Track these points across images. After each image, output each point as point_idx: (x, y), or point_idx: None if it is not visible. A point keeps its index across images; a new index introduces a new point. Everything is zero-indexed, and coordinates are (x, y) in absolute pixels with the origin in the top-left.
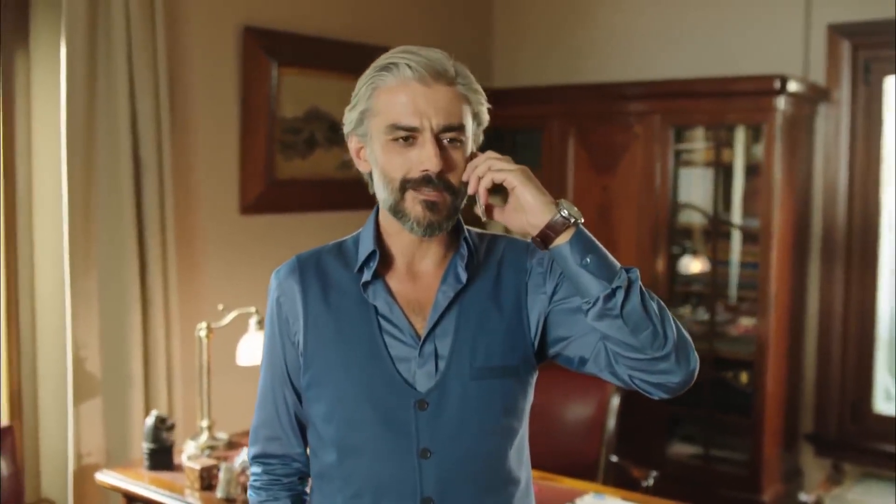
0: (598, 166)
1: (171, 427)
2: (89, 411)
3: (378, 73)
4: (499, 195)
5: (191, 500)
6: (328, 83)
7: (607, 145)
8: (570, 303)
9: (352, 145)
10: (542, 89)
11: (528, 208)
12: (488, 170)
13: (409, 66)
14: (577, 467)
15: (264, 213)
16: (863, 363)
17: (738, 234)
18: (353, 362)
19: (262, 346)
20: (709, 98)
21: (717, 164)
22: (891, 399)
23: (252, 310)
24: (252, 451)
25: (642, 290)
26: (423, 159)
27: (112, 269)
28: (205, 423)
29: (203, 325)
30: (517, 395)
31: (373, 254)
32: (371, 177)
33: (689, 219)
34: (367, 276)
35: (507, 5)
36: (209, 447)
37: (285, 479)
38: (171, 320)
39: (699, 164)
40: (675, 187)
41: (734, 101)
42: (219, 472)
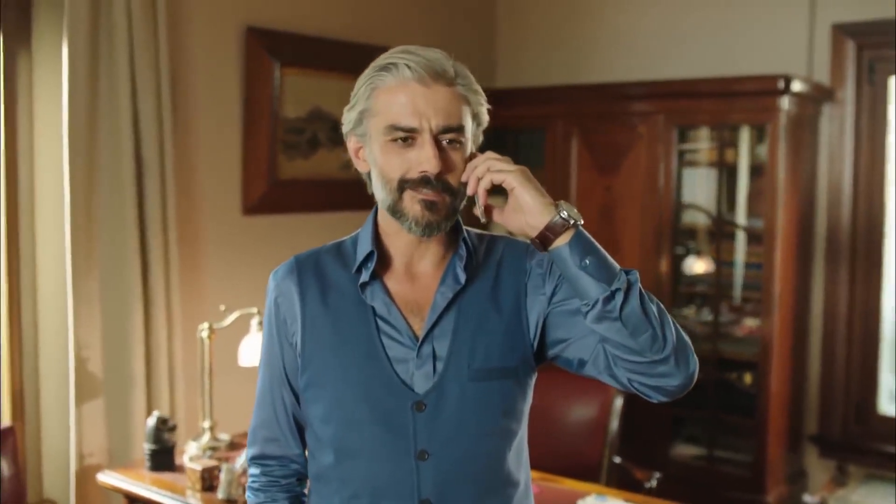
0: (602, 166)
1: (173, 428)
2: (91, 412)
3: (377, 74)
4: (499, 196)
5: (192, 501)
6: (330, 83)
7: (610, 145)
8: (570, 304)
9: (350, 145)
10: (545, 89)
11: (527, 209)
12: (487, 170)
13: (408, 66)
14: (579, 468)
15: (267, 213)
16: (867, 364)
17: (742, 235)
18: (351, 363)
19: (261, 347)
20: (712, 98)
21: (720, 165)
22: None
23: (254, 310)
24: (250, 452)
25: (642, 292)
26: (422, 160)
27: (114, 270)
28: (206, 423)
29: (205, 325)
30: (516, 396)
31: (370, 254)
32: (370, 177)
33: (693, 219)
34: (364, 276)
35: (510, 5)
36: (211, 448)
37: (283, 481)
38: (173, 321)
39: (703, 164)
40: (678, 187)
41: (738, 101)
42: (220, 473)
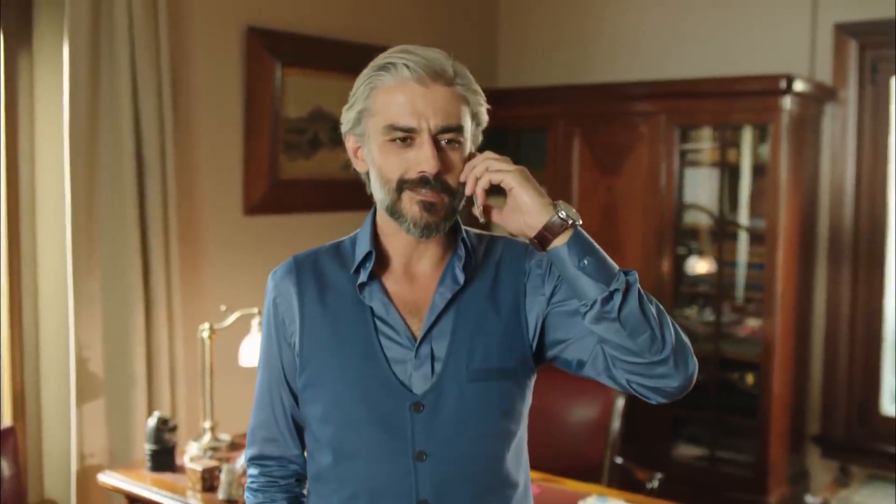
0: (603, 166)
1: (174, 428)
2: (92, 412)
3: (376, 73)
4: (499, 196)
5: (192, 501)
6: (332, 83)
7: (612, 145)
8: (569, 305)
9: (349, 145)
10: (546, 89)
11: (526, 209)
12: (486, 170)
13: (407, 66)
14: (581, 469)
15: (268, 213)
16: (870, 364)
17: (744, 235)
18: (349, 364)
19: (259, 348)
20: (714, 98)
21: (722, 165)
22: None
23: (255, 311)
24: (249, 452)
25: (641, 293)
26: (421, 160)
27: (115, 270)
28: (207, 424)
29: (206, 325)
30: (515, 397)
31: (369, 254)
32: (368, 177)
33: (695, 219)
34: (362, 277)
35: (511, 5)
36: (212, 448)
37: (282, 481)
38: (174, 321)
39: (705, 164)
40: (680, 188)
41: (740, 101)
42: (220, 473)
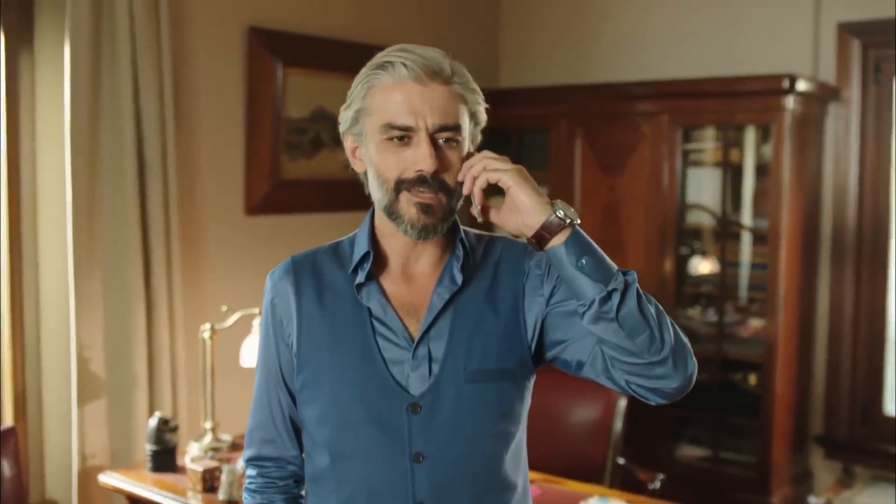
0: (606, 166)
1: (175, 429)
2: (93, 412)
3: (373, 72)
4: (499, 196)
5: (193, 502)
6: (334, 83)
7: (615, 145)
8: (568, 305)
9: (347, 144)
10: (549, 89)
11: (523, 209)
12: (483, 170)
13: (404, 64)
14: (583, 470)
15: (269, 213)
16: (873, 365)
17: (747, 235)
18: (347, 364)
19: (258, 348)
20: (717, 98)
21: (725, 165)
22: None
23: (256, 311)
24: (247, 453)
25: (639, 293)
26: (418, 159)
27: (116, 270)
28: (208, 424)
29: (207, 326)
30: (513, 398)
31: (366, 255)
32: (366, 177)
33: (698, 219)
34: (360, 277)
35: (513, 5)
36: (213, 449)
37: (280, 482)
38: (176, 321)
39: (707, 164)
40: (682, 188)
41: (742, 101)
42: (221, 474)
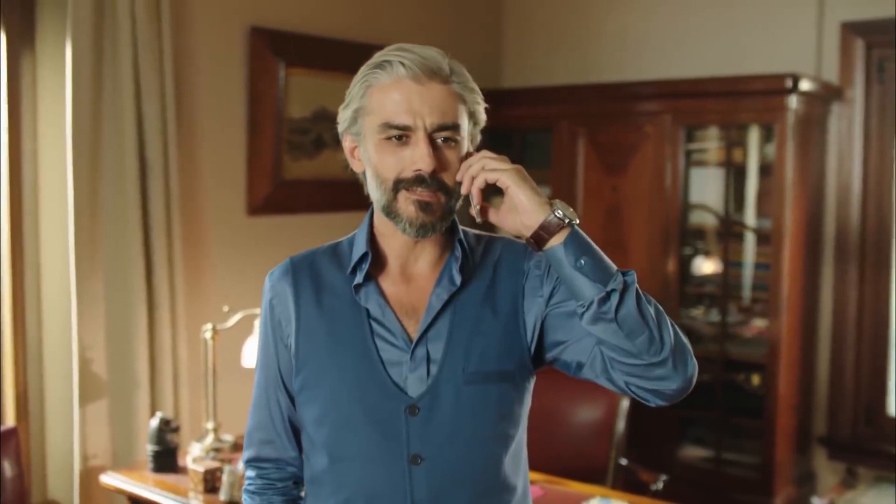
0: (608, 166)
1: (176, 429)
2: (95, 413)
3: (372, 71)
4: (498, 196)
5: (194, 502)
6: (336, 83)
7: (617, 145)
8: (567, 306)
9: (346, 144)
10: (551, 89)
11: (522, 209)
12: (482, 169)
13: (402, 63)
14: (585, 470)
15: (271, 214)
16: (877, 365)
17: (750, 235)
18: (345, 365)
19: (257, 349)
20: (720, 97)
21: (728, 164)
22: None
23: (257, 311)
24: (246, 454)
25: (639, 293)
26: (416, 159)
27: (118, 271)
28: (210, 424)
29: (208, 326)
30: (513, 400)
31: (365, 255)
32: (365, 177)
33: (701, 219)
34: (358, 278)
35: (516, 5)
36: (214, 449)
37: (279, 484)
38: (177, 321)
39: (711, 164)
40: (686, 187)
41: (746, 101)
42: (222, 474)
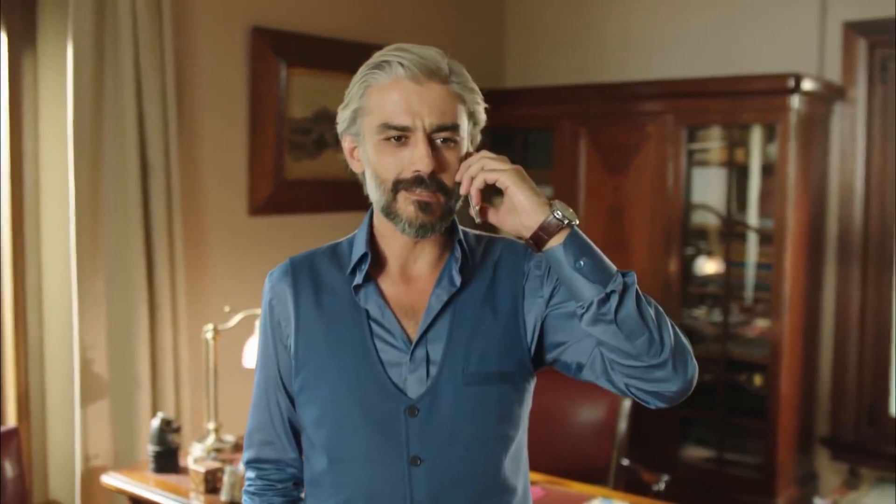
0: (610, 166)
1: (177, 429)
2: (96, 413)
3: (370, 71)
4: (498, 195)
5: (195, 503)
6: (337, 83)
7: (619, 145)
8: (567, 307)
9: (345, 145)
10: (553, 89)
11: (521, 209)
12: (481, 170)
13: (401, 63)
14: (587, 471)
15: (273, 214)
16: (879, 365)
17: (753, 235)
18: (345, 366)
19: (257, 350)
20: (722, 97)
21: (730, 164)
22: None
23: (259, 312)
24: (246, 455)
25: (639, 294)
26: (415, 159)
27: (119, 271)
28: (211, 425)
29: (210, 327)
30: (513, 401)
31: (364, 256)
32: (364, 177)
33: (703, 219)
34: (358, 279)
35: (518, 5)
36: (216, 449)
37: (279, 485)
38: (179, 322)
39: (713, 163)
40: (688, 187)
41: (748, 101)
42: (223, 475)
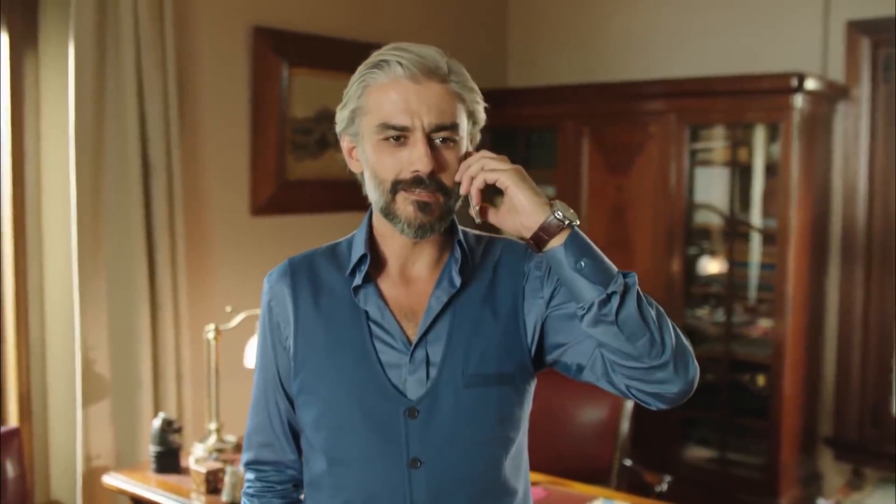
0: (613, 166)
1: (178, 430)
2: (98, 413)
3: (369, 71)
4: (499, 195)
5: (196, 503)
6: (339, 83)
7: (622, 145)
8: (568, 308)
9: (344, 145)
10: (556, 89)
11: (521, 209)
12: (481, 169)
13: (400, 63)
14: (589, 472)
15: (275, 214)
16: (883, 366)
17: (756, 235)
18: (344, 368)
19: (256, 351)
20: (725, 97)
21: (733, 164)
22: None
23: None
24: (245, 457)
25: (640, 295)
26: (414, 159)
27: (121, 271)
28: (213, 425)
29: (211, 327)
30: (513, 403)
31: (364, 257)
32: (363, 177)
33: (706, 219)
34: (357, 280)
35: (521, 5)
36: (217, 450)
37: (279, 487)
38: (180, 322)
39: (716, 163)
40: (691, 187)
41: (751, 100)
42: (225, 475)
